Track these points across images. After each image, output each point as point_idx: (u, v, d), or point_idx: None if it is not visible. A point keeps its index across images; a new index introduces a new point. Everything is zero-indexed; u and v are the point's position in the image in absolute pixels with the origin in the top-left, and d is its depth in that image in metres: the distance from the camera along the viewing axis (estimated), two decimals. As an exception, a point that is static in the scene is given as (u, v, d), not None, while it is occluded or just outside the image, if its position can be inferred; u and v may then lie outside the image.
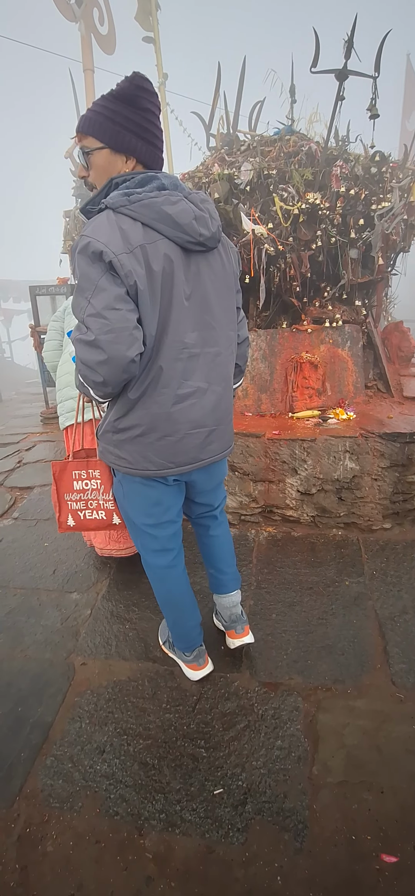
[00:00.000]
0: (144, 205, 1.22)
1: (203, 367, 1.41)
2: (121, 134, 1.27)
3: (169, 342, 1.31)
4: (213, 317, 1.41)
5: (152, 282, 1.24)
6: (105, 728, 1.64)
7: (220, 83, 4.71)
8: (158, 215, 1.22)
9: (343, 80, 3.36)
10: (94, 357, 1.22)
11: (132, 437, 1.40)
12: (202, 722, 1.65)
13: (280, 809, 1.39)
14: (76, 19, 5.96)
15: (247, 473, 2.80)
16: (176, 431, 1.40)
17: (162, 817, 1.38)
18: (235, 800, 1.42)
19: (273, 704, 1.71)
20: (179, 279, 1.29)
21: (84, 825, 1.37)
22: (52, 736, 1.62)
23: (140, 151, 1.31)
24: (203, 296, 1.37)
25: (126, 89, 1.26)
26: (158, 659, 1.92)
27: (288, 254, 3.19)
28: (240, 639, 1.87)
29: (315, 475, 2.71)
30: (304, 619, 2.11)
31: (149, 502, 1.52)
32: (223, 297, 1.44)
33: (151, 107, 1.30)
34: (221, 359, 1.46)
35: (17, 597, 2.32)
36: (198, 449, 1.46)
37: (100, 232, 1.19)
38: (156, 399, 1.35)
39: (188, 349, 1.36)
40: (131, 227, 1.21)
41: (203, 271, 1.36)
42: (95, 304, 1.19)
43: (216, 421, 1.49)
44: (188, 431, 1.42)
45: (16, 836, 1.34)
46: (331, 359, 3.23)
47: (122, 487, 1.55)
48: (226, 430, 1.56)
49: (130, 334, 1.21)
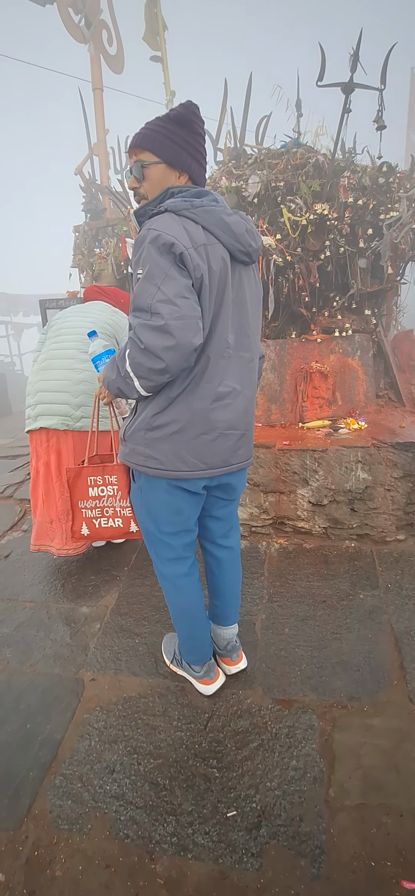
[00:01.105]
0: (206, 211, 1.32)
1: (238, 370, 1.46)
2: (178, 152, 1.38)
3: (216, 339, 1.37)
4: (248, 324, 1.48)
5: (212, 279, 1.31)
6: (115, 746, 1.60)
7: (226, 99, 4.77)
8: (217, 222, 1.32)
9: (349, 93, 3.39)
10: (161, 342, 1.24)
11: (168, 434, 1.40)
12: (214, 740, 1.61)
13: (296, 833, 1.34)
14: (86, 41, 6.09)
15: (257, 484, 2.77)
16: (213, 430, 1.42)
17: (174, 841, 1.33)
18: (249, 823, 1.37)
19: (287, 722, 1.66)
20: (229, 282, 1.37)
21: (94, 848, 1.33)
22: (61, 754, 1.59)
23: (192, 169, 1.42)
24: (242, 303, 1.44)
25: (183, 114, 1.37)
26: (168, 675, 1.88)
27: (297, 264, 3.19)
28: (236, 665, 1.86)
29: (327, 486, 2.67)
30: (317, 634, 2.05)
31: (170, 510, 1.51)
32: (255, 309, 1.53)
33: (201, 131, 1.43)
34: (252, 365, 1.52)
35: (26, 610, 2.30)
36: (229, 452, 1.48)
37: (169, 227, 1.26)
38: (198, 394, 1.38)
39: (230, 349, 1.42)
40: (194, 229, 1.29)
41: (244, 281, 1.44)
42: (166, 291, 1.23)
43: (246, 425, 1.52)
44: (223, 431, 1.44)
45: (24, 859, 1.31)
46: (341, 368, 3.20)
47: (141, 493, 1.53)
48: (251, 436, 1.60)
49: (197, 323, 1.26)
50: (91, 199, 5.77)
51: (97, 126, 6.41)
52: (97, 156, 6.32)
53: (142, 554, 2.71)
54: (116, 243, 4.23)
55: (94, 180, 6.03)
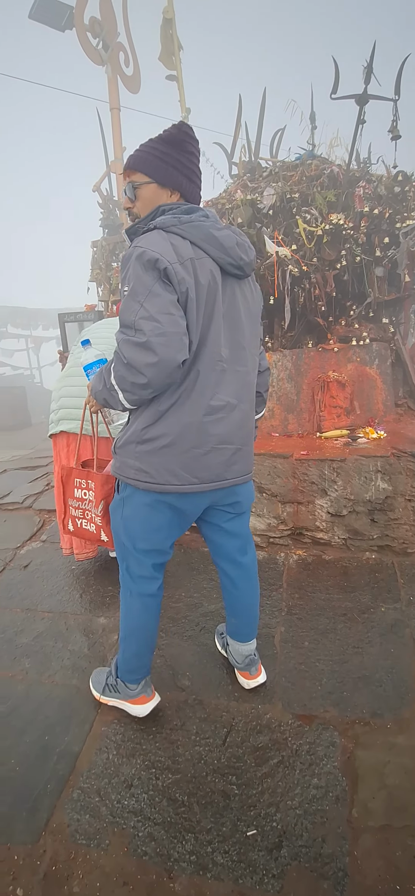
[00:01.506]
0: (194, 226, 1.33)
1: (233, 384, 1.45)
2: (168, 171, 1.41)
3: (207, 352, 1.37)
4: (243, 337, 1.47)
5: (199, 293, 1.32)
6: (133, 760, 1.58)
7: (241, 114, 4.83)
8: (205, 236, 1.33)
9: (364, 104, 3.41)
10: (144, 358, 1.24)
11: (159, 447, 1.39)
12: (233, 756, 1.58)
13: (318, 855, 1.30)
14: (103, 63, 6.25)
15: (275, 495, 2.74)
16: (204, 444, 1.40)
17: (192, 859, 1.31)
18: (269, 843, 1.33)
19: (308, 739, 1.62)
20: (219, 296, 1.37)
21: (112, 865, 1.31)
22: (78, 767, 1.58)
23: (184, 187, 1.44)
24: (236, 317, 1.44)
25: (174, 134, 1.40)
26: (185, 688, 1.86)
27: (313, 274, 3.18)
28: (254, 679, 1.82)
29: (346, 496, 2.63)
30: (338, 648, 2.01)
31: (150, 527, 1.50)
32: (251, 323, 1.52)
33: (193, 150, 1.44)
34: (249, 379, 1.52)
35: (44, 620, 2.31)
36: (222, 466, 1.46)
37: (154, 244, 1.27)
38: (188, 408, 1.37)
39: (222, 363, 1.41)
40: (181, 244, 1.30)
41: (237, 295, 1.44)
42: (149, 308, 1.24)
43: (242, 440, 1.50)
44: (215, 446, 1.42)
45: (42, 874, 1.29)
46: (359, 377, 3.17)
47: (122, 506, 1.52)
48: (249, 451, 1.58)
49: (181, 339, 1.26)
50: (108, 215, 5.88)
51: (115, 144, 6.55)
52: (115, 173, 6.45)
53: (159, 565, 2.71)
54: (132, 257, 4.28)
55: (112, 196, 6.15)
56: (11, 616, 2.36)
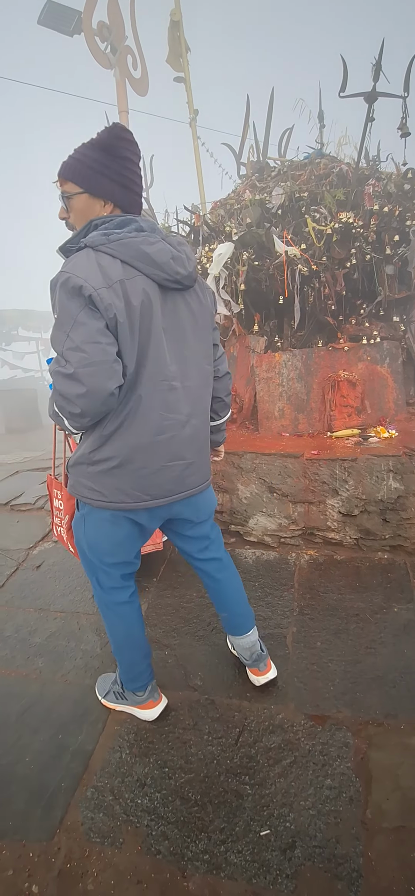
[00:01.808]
0: (123, 244, 1.26)
1: (182, 400, 1.42)
2: (98, 180, 1.33)
3: (148, 374, 1.33)
4: (190, 351, 1.44)
5: (131, 315, 1.26)
6: (146, 759, 1.59)
7: (249, 114, 4.83)
8: (136, 253, 1.27)
9: (372, 101, 3.39)
10: (73, 389, 1.22)
11: (108, 468, 1.38)
12: (246, 756, 1.57)
13: (332, 856, 1.29)
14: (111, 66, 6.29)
15: (286, 495, 2.73)
16: (154, 463, 1.40)
17: (206, 858, 1.31)
18: (282, 843, 1.33)
19: (321, 739, 1.61)
20: (156, 313, 1.32)
21: (125, 863, 1.31)
22: (92, 766, 1.59)
23: (117, 196, 1.36)
24: (180, 331, 1.40)
25: (105, 139, 1.31)
26: (198, 688, 1.87)
27: (322, 273, 3.16)
28: (264, 675, 1.82)
29: (357, 496, 2.61)
30: (351, 648, 2.00)
31: (113, 541, 1.49)
32: (200, 333, 1.48)
33: (129, 154, 1.35)
34: (198, 392, 1.49)
35: (57, 620, 2.33)
36: (174, 482, 1.46)
37: (79, 268, 1.22)
38: (134, 431, 1.35)
39: (168, 381, 1.38)
40: (110, 264, 1.24)
41: (180, 308, 1.40)
42: (74, 338, 1.20)
43: (194, 454, 1.49)
44: (165, 464, 1.42)
45: (56, 871, 1.31)
46: (370, 376, 3.14)
47: (83, 523, 1.50)
48: (203, 462, 1.57)
49: (110, 367, 1.23)
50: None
51: (123, 147, 6.57)
52: (123, 176, 6.48)
53: (170, 566, 2.72)
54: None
55: (121, 199, 6.17)
56: (25, 616, 2.38)
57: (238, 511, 2.88)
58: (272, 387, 3.22)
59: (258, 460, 2.78)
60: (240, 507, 2.87)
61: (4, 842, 1.39)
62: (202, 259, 3.47)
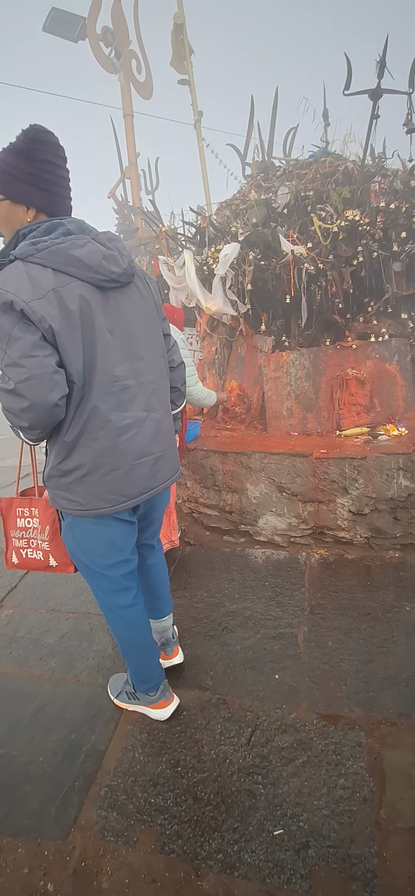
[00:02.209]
0: (52, 251, 1.23)
1: (139, 397, 1.42)
2: (17, 185, 1.30)
3: (99, 378, 1.32)
4: (140, 347, 1.43)
5: (70, 322, 1.24)
6: (158, 759, 1.60)
7: (253, 115, 4.83)
8: (66, 259, 1.24)
9: (377, 98, 3.38)
10: (16, 405, 1.23)
11: (79, 477, 1.37)
12: (258, 756, 1.57)
13: (346, 856, 1.29)
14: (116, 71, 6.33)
15: (295, 494, 2.73)
16: (122, 464, 1.40)
17: (219, 858, 1.31)
18: (296, 843, 1.33)
19: (333, 739, 1.61)
20: (98, 316, 1.30)
21: (140, 862, 1.32)
22: (105, 765, 1.60)
23: (39, 201, 1.33)
24: (126, 329, 1.39)
25: (21, 143, 1.28)
26: (209, 687, 1.87)
27: (329, 271, 3.15)
28: (170, 660, 1.93)
29: (367, 494, 2.60)
30: (363, 647, 1.99)
31: (103, 543, 1.50)
32: (148, 327, 1.47)
33: (48, 157, 1.31)
34: (155, 386, 1.49)
35: (69, 621, 2.34)
36: (147, 478, 1.47)
37: (9, 282, 1.20)
38: (96, 436, 1.35)
39: (120, 381, 1.37)
40: (41, 274, 1.22)
41: (122, 306, 1.38)
42: (11, 354, 1.19)
43: (161, 447, 1.51)
44: (134, 462, 1.42)
45: (71, 870, 1.32)
46: (378, 374, 3.13)
47: (72, 531, 1.50)
48: (171, 454, 1.58)
49: (50, 379, 1.21)
50: (124, 220, 5.95)
51: (128, 150, 6.62)
52: (129, 178, 6.52)
53: (181, 566, 2.72)
54: (148, 261, 4.33)
55: (127, 202, 6.21)
56: (37, 617, 2.40)
57: (247, 511, 2.88)
58: (280, 386, 3.22)
59: (267, 460, 2.77)
60: (249, 507, 2.87)
61: (20, 840, 1.40)
62: (208, 260, 3.48)
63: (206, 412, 3.71)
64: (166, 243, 3.92)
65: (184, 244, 3.89)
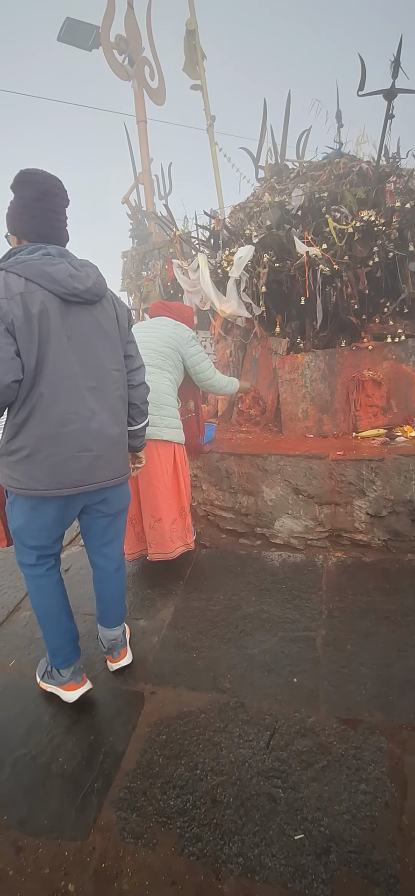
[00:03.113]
0: (27, 265, 1.50)
1: (87, 397, 1.60)
2: (12, 221, 1.62)
3: (49, 372, 1.52)
4: (96, 356, 1.63)
5: (30, 321, 1.47)
6: (177, 761, 1.59)
7: (266, 118, 4.84)
8: (38, 272, 1.50)
9: (392, 98, 3.36)
10: None
11: (22, 458, 1.56)
12: (278, 759, 1.56)
13: (368, 861, 1.27)
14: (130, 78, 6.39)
15: (311, 496, 2.71)
16: (59, 452, 1.57)
17: (240, 861, 1.30)
18: (317, 847, 1.31)
19: (354, 743, 1.59)
20: (55, 321, 1.52)
21: (160, 864, 1.32)
22: (124, 766, 1.60)
23: (24, 231, 1.60)
24: (83, 338, 1.60)
25: (13, 185, 1.57)
26: (227, 690, 1.86)
27: (344, 272, 3.13)
28: (117, 662, 2.01)
29: (385, 496, 2.57)
30: (382, 651, 1.96)
31: (34, 526, 1.69)
32: (106, 342, 1.67)
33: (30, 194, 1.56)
34: (105, 392, 1.66)
35: (86, 623, 2.35)
36: (84, 472, 1.63)
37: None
38: (39, 422, 1.54)
39: (69, 379, 1.56)
40: (15, 281, 1.48)
41: (83, 319, 1.60)
42: None
43: (102, 448, 1.65)
44: (72, 454, 1.59)
45: (92, 871, 1.32)
46: (395, 375, 3.09)
47: (11, 508, 1.71)
48: (115, 458, 1.73)
49: (8, 363, 1.44)
50: (138, 225, 5.99)
51: (142, 156, 6.68)
52: (143, 184, 6.57)
53: (196, 568, 2.72)
54: (162, 265, 4.35)
55: (141, 207, 6.26)
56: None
57: (263, 513, 2.87)
58: (295, 388, 3.21)
59: (283, 462, 2.76)
60: (265, 510, 2.86)
61: (40, 840, 1.41)
62: (223, 263, 3.49)
63: (220, 414, 3.72)
64: (180, 247, 3.93)
65: (198, 247, 3.90)
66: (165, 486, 2.47)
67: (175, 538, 2.55)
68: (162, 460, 2.44)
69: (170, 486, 2.50)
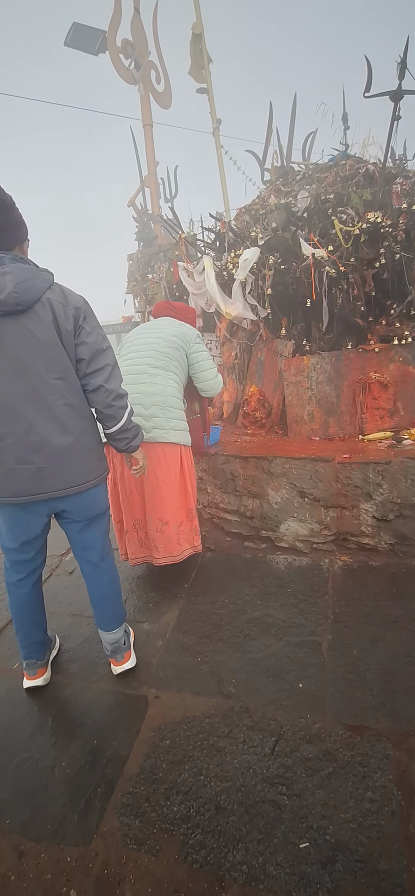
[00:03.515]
0: None
1: (22, 411, 1.60)
2: None
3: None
4: (29, 368, 1.59)
5: None
6: (181, 767, 1.58)
7: (272, 120, 4.84)
8: None
9: (398, 100, 3.36)
10: None
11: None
12: (283, 766, 1.54)
13: (375, 871, 1.25)
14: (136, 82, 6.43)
15: (317, 499, 2.69)
16: (2, 465, 1.62)
17: (244, 869, 1.28)
18: (323, 856, 1.29)
19: (360, 750, 1.56)
20: None
21: (163, 871, 1.30)
22: (127, 771, 1.59)
23: None
24: (13, 352, 1.57)
25: None
26: (231, 695, 1.84)
27: (350, 274, 3.11)
28: (120, 666, 2.01)
29: (392, 500, 2.54)
30: (389, 657, 1.94)
31: (4, 527, 1.79)
32: (43, 351, 1.60)
33: None
34: (42, 404, 1.62)
35: (90, 626, 2.35)
36: (28, 483, 1.65)
37: None
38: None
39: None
40: None
41: (11, 331, 1.56)
42: None
43: (45, 460, 1.65)
44: (11, 467, 1.62)
45: (94, 877, 1.31)
46: (402, 377, 3.06)
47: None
48: (67, 468, 1.70)
49: None
50: (143, 228, 6.01)
51: (148, 159, 6.70)
52: (148, 187, 6.59)
53: (201, 572, 2.71)
54: (167, 267, 4.35)
55: (146, 210, 6.28)
56: (59, 621, 2.42)
57: (269, 516, 2.85)
58: (301, 390, 3.19)
59: (288, 465, 2.74)
60: (271, 513, 2.84)
61: (43, 845, 1.40)
62: (228, 265, 3.48)
63: (226, 417, 3.70)
64: (186, 249, 3.93)
65: (203, 250, 3.90)
66: (172, 488, 2.45)
67: (182, 541, 2.53)
68: (169, 462, 2.43)
69: (177, 489, 2.48)
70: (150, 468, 2.34)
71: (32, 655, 1.98)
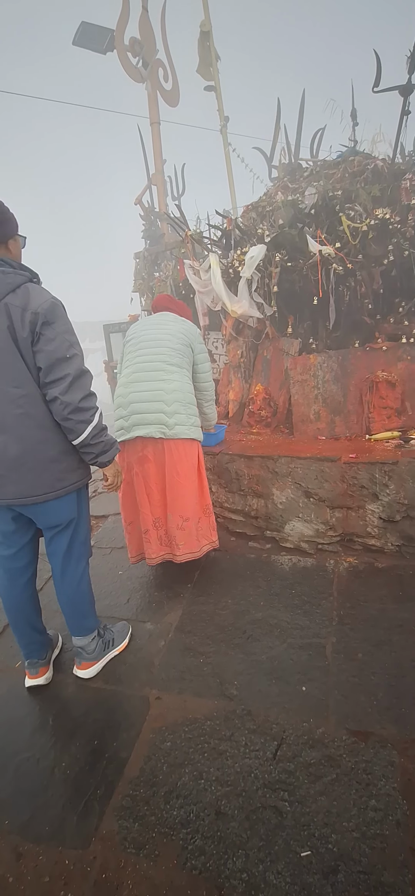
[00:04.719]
0: None
1: None
2: None
3: None
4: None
5: None
6: (181, 770, 1.56)
7: (280, 117, 4.79)
8: None
9: (408, 94, 3.31)
10: None
11: None
12: (284, 771, 1.51)
13: (378, 883, 1.22)
14: (143, 80, 6.41)
15: (322, 500, 2.65)
16: None
17: (244, 877, 1.26)
18: (325, 866, 1.26)
19: (364, 757, 1.53)
20: None
21: (161, 877, 1.28)
22: (127, 773, 1.57)
23: None
24: None
25: None
26: (234, 697, 1.82)
27: (358, 271, 3.07)
28: (77, 669, 2.03)
29: (399, 500, 2.50)
30: (394, 661, 1.90)
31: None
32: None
33: None
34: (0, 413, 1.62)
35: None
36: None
37: None
38: None
39: None
40: None
41: None
42: None
43: (3, 467, 1.66)
44: None
45: (92, 881, 1.29)
46: (410, 376, 3.01)
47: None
48: (23, 478, 1.68)
49: None
50: (150, 226, 5.99)
51: (155, 157, 6.67)
52: (155, 185, 6.57)
53: (205, 572, 2.68)
54: (174, 266, 4.33)
55: (153, 208, 6.26)
56: (62, 620, 2.39)
57: (274, 517, 2.82)
58: (307, 389, 3.15)
59: (294, 464, 2.71)
60: (275, 513, 2.81)
61: (41, 847, 1.39)
62: (234, 262, 3.45)
63: (231, 416, 3.67)
64: (192, 247, 3.91)
65: (209, 248, 3.87)
66: (192, 484, 2.43)
67: (201, 537, 2.51)
68: (190, 459, 2.40)
69: (196, 485, 2.47)
70: (171, 465, 2.34)
71: (33, 654, 1.97)
